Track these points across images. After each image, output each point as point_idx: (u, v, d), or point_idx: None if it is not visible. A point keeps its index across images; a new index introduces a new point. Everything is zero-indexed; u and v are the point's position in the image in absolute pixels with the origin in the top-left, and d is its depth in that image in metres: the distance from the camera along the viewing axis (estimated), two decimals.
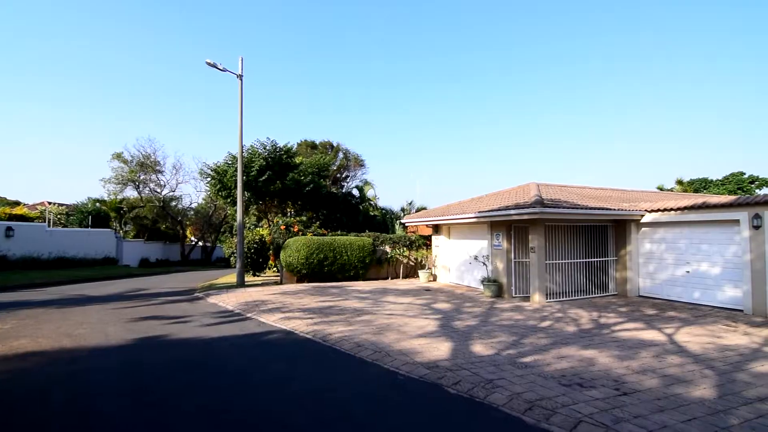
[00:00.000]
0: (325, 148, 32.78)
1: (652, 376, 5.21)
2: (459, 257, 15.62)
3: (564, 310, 10.07)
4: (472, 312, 9.94)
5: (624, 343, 6.88)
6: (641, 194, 16.47)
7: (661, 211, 11.50)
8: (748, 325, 8.48)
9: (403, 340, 7.06)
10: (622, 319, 8.95)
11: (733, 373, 5.39)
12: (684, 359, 5.99)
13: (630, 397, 4.45)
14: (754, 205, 9.54)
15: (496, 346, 6.72)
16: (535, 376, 5.16)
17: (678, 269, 11.28)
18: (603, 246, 12.96)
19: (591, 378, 5.10)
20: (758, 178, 30.18)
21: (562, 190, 14.20)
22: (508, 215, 11.42)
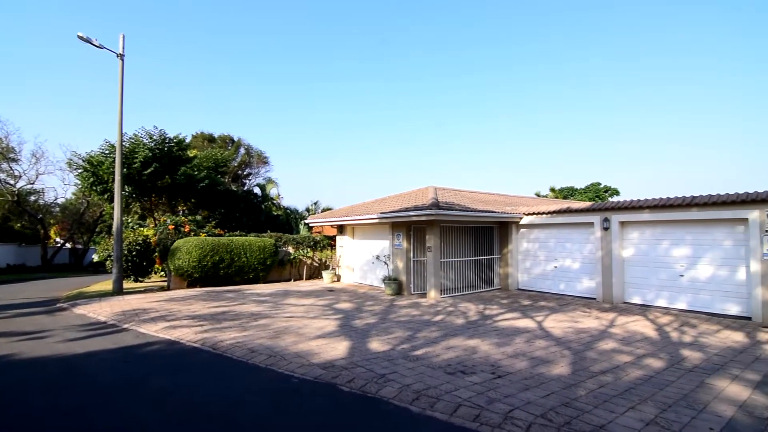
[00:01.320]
0: (224, 142, 30.72)
1: (523, 359, 5.91)
2: (363, 257, 15.88)
3: (455, 305, 10.88)
4: (372, 310, 10.17)
5: (503, 332, 7.68)
6: (521, 199, 18.60)
7: (535, 215, 13.11)
8: (599, 310, 10.09)
9: (300, 343, 6.92)
10: (503, 310, 9.98)
11: (585, 351, 6.37)
12: (549, 342, 6.90)
13: (503, 380, 4.98)
14: (604, 210, 11.42)
15: (392, 341, 6.98)
16: (424, 368, 5.47)
17: (548, 265, 12.98)
18: (489, 245, 14.33)
19: (472, 365, 5.59)
20: (611, 187, 36.42)
21: (456, 194, 15.33)
22: (408, 216, 11.96)
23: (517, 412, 3.99)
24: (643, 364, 5.68)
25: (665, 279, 10.26)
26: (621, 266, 11.03)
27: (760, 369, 5.50)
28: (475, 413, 3.98)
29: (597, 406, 4.18)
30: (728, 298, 9.33)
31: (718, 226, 9.52)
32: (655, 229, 10.54)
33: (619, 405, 4.20)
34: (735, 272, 9.24)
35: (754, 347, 6.68)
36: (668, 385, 4.85)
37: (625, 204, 10.97)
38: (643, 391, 4.64)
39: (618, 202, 11.37)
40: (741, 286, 9.12)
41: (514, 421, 3.80)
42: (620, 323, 8.55)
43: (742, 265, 9.10)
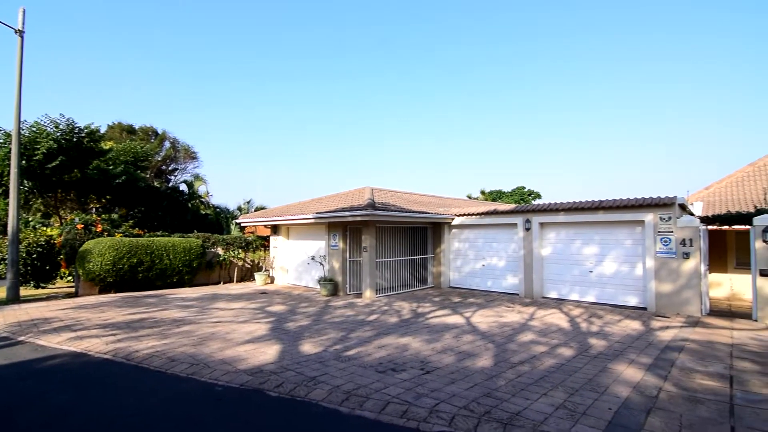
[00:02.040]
0: (146, 134, 28.31)
1: (450, 354, 6.15)
2: (298, 258, 15.53)
3: (390, 304, 11.04)
4: (306, 312, 9.99)
5: (433, 328, 7.94)
6: (454, 201, 19.40)
7: (465, 216, 13.74)
8: (521, 305, 10.82)
9: (227, 349, 6.59)
10: (434, 308, 10.32)
11: (507, 344, 6.79)
12: (475, 337, 7.26)
13: (431, 375, 5.15)
14: (526, 212, 12.29)
15: (325, 343, 6.90)
16: (356, 368, 5.48)
17: (477, 263, 13.67)
18: (423, 245, 14.76)
19: (403, 362, 5.71)
20: (533, 191, 39.34)
21: (392, 195, 15.57)
22: (344, 217, 11.91)
23: (443, 406, 4.14)
24: (557, 353, 6.19)
25: (577, 275, 11.30)
26: (540, 264, 11.94)
27: (652, 353, 6.25)
28: (403, 409, 4.07)
29: (515, 394, 4.47)
30: (629, 291, 10.50)
31: (620, 228, 10.68)
32: (569, 230, 11.56)
33: (533, 392, 4.54)
34: (634, 268, 10.42)
35: (648, 334, 7.58)
36: (576, 371, 5.34)
37: (543, 207, 11.90)
38: (555, 378, 5.06)
39: (538, 205, 12.30)
40: (639, 280, 10.32)
41: (439, 414, 3.94)
42: (539, 316, 9.25)
43: (640, 261, 10.29)
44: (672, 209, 9.70)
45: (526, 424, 3.70)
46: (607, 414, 3.93)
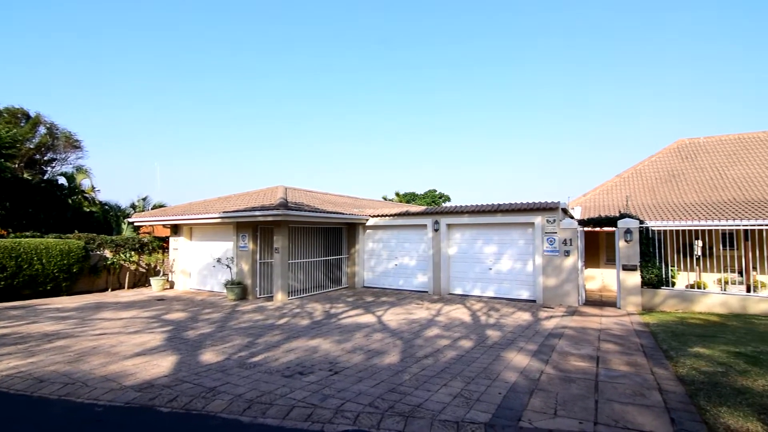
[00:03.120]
0: (14, 117, 23.97)
1: (360, 353, 6.23)
2: (202, 260, 14.45)
3: (302, 306, 10.82)
4: (210, 318, 9.34)
5: (345, 328, 7.97)
6: (369, 202, 19.72)
7: (380, 216, 14.05)
8: (429, 302, 11.37)
9: (112, 364, 5.87)
10: (347, 308, 10.37)
11: (414, 340, 7.08)
12: (385, 335, 7.44)
13: (339, 375, 5.16)
14: (435, 214, 12.96)
15: (229, 350, 6.52)
16: (261, 374, 5.27)
17: (390, 263, 14.05)
18: (338, 245, 14.75)
19: (311, 365, 5.63)
20: (444, 194, 41.75)
21: (307, 195, 15.30)
22: (254, 216, 11.38)
23: (348, 405, 4.17)
24: (458, 346, 6.63)
25: (479, 272, 12.23)
26: (447, 262, 12.69)
27: (538, 341, 7.01)
28: (308, 413, 4.01)
29: (417, 387, 4.68)
30: (522, 286, 11.65)
31: (515, 228, 11.80)
32: (472, 231, 12.47)
33: (435, 384, 4.80)
34: (526, 265, 11.59)
35: (535, 324, 8.48)
36: (474, 361, 5.77)
37: (451, 209, 12.67)
38: (455, 369, 5.41)
39: (445, 208, 13.06)
40: (530, 275, 11.50)
41: (344, 413, 3.96)
42: (445, 312, 9.81)
43: (531, 259, 11.48)
44: (556, 213, 11.00)
45: (426, 415, 3.90)
46: (497, 398, 4.32)
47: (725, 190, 15.27)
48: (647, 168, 18.44)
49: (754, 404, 4.05)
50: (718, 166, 16.93)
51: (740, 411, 3.91)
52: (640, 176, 18.05)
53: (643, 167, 18.58)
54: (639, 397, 4.36)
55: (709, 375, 4.93)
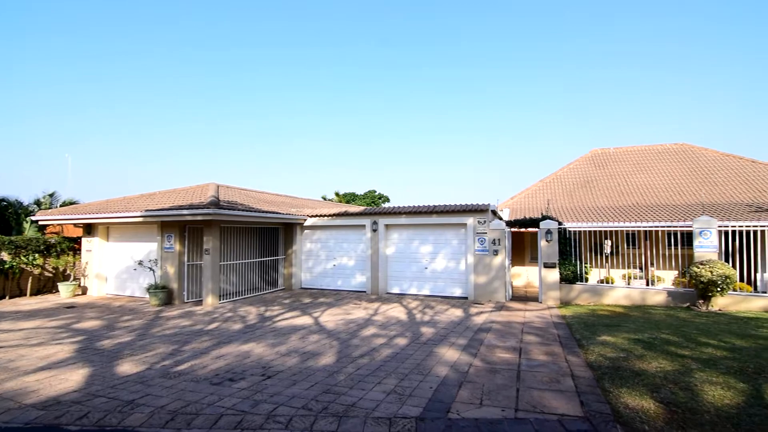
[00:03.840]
0: None
1: (295, 356, 6.12)
2: (121, 263, 13.25)
3: (235, 310, 10.37)
4: (130, 326, 8.61)
5: (280, 331, 7.78)
6: (308, 201, 19.39)
7: (318, 216, 13.89)
8: (367, 301, 11.45)
9: (9, 380, 5.19)
10: (283, 310, 10.11)
11: (351, 339, 7.10)
12: (321, 336, 7.38)
13: (272, 379, 5.03)
14: (374, 214, 13.10)
15: (151, 359, 6.06)
16: (187, 383, 4.97)
17: (328, 263, 13.94)
18: (275, 246, 14.33)
19: (242, 370, 5.42)
20: (383, 195, 42.23)
21: (241, 193, 14.67)
22: (182, 215, 10.68)
23: (281, 409, 4.08)
24: (393, 344, 6.76)
25: (416, 271, 12.57)
26: (385, 262, 12.88)
27: (468, 335, 7.37)
28: (238, 420, 3.86)
29: (352, 387, 4.71)
30: (455, 284, 12.16)
31: (449, 229, 12.30)
32: (409, 231, 12.78)
33: (370, 383, 4.86)
34: (459, 264, 12.13)
35: (466, 319, 8.91)
36: (408, 358, 5.92)
37: (389, 210, 12.88)
38: (390, 366, 5.52)
39: (384, 208, 13.26)
40: (462, 274, 12.04)
41: (277, 418, 3.87)
42: (382, 311, 9.95)
43: (463, 258, 12.03)
44: (487, 214, 11.64)
45: (359, 414, 3.94)
46: (428, 393, 4.48)
47: (630, 195, 17.18)
48: (566, 174, 20.17)
49: (648, 384, 4.62)
50: (625, 174, 19.01)
51: (637, 391, 4.43)
52: (560, 181, 19.69)
53: (563, 173, 20.30)
54: (554, 383, 4.77)
55: (613, 360, 5.52)
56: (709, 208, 13.07)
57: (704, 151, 19.22)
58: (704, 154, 19.03)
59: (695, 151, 19.49)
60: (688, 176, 17.72)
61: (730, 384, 4.55)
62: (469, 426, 3.67)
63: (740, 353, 5.75)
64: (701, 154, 19.15)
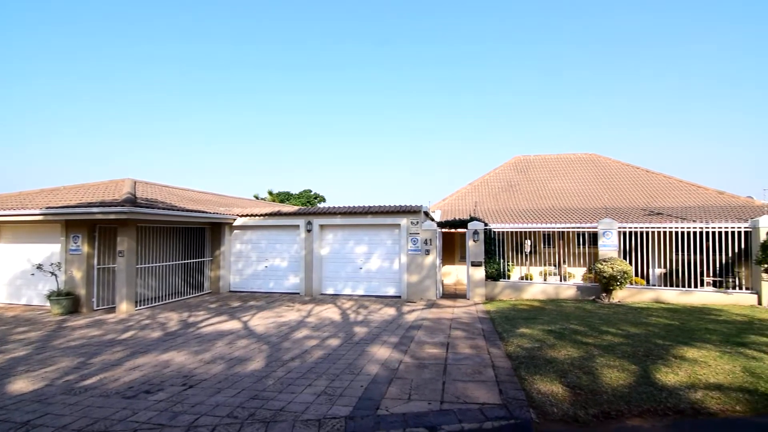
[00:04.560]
0: None
1: (221, 362, 5.83)
2: (15, 267, 11.64)
3: (154, 316, 9.61)
4: (26, 338, 7.60)
5: (205, 338, 7.36)
6: (238, 200, 18.55)
7: (249, 216, 13.35)
8: (301, 303, 11.24)
9: None
10: (209, 315, 9.58)
11: (282, 343, 6.93)
12: (250, 341, 7.11)
13: (195, 389, 4.75)
14: (308, 214, 12.90)
15: (52, 375, 5.41)
16: (95, 398, 4.52)
17: (260, 265, 13.46)
18: (200, 247, 13.51)
19: (161, 381, 5.06)
20: (319, 194, 41.72)
21: (162, 191, 13.64)
22: (92, 213, 9.66)
23: (204, 419, 3.88)
24: (326, 345, 6.73)
25: (350, 272, 12.60)
26: (320, 263, 12.75)
27: (399, 333, 7.55)
28: None
29: (281, 391, 4.61)
30: (389, 283, 12.39)
31: (384, 230, 12.51)
32: (344, 231, 12.78)
33: (300, 385, 4.79)
34: (393, 263, 12.38)
35: (399, 317, 9.12)
36: (340, 358, 5.93)
37: (324, 210, 12.77)
38: (321, 368, 5.49)
39: (319, 208, 13.12)
40: (396, 273, 12.31)
41: (198, 429, 3.67)
42: (315, 312, 9.84)
43: (397, 258, 12.30)
44: (419, 215, 12.02)
45: (288, 418, 3.87)
46: (359, 391, 4.53)
47: (547, 199, 18.75)
48: (492, 178, 21.49)
49: (558, 370, 5.09)
50: (543, 180, 20.70)
51: (548, 377, 4.87)
52: (487, 185, 20.92)
53: (490, 177, 21.60)
54: (477, 374, 5.08)
55: (529, 350, 6.01)
56: (611, 212, 14.72)
57: (609, 161, 21.59)
58: (609, 164, 21.38)
59: (602, 160, 21.82)
60: (595, 183, 19.79)
61: (624, 366, 5.18)
62: (397, 421, 3.78)
63: (633, 339, 6.56)
64: (606, 163, 21.49)
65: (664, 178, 19.31)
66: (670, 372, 4.96)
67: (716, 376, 4.83)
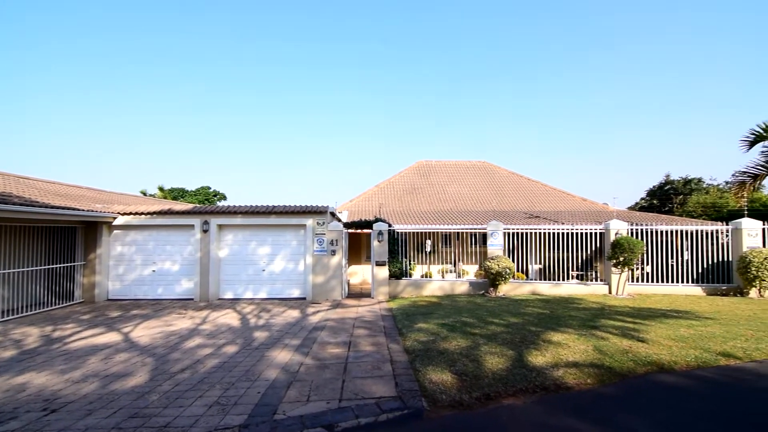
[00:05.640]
0: None
1: (94, 380, 5.15)
2: None
3: (6, 333, 8.07)
4: None
5: (74, 354, 6.41)
6: (119, 196, 16.46)
7: (133, 215, 11.95)
8: (195, 310, 10.41)
9: None
10: (81, 328, 8.36)
11: (170, 354, 6.36)
12: (132, 354, 6.39)
13: (58, 413, 4.13)
14: (205, 213, 12.01)
15: None
16: None
17: (146, 269, 12.13)
18: (70, 250, 11.69)
19: (14, 408, 4.29)
20: (219, 192, 38.96)
21: (19, 182, 11.52)
22: None
23: None
24: (221, 353, 6.36)
25: (252, 274, 12.05)
26: (218, 265, 11.95)
27: (302, 335, 7.46)
28: None
29: (167, 406, 4.25)
30: (294, 285, 12.12)
31: (289, 230, 12.21)
32: (245, 232, 12.18)
33: (189, 398, 4.46)
34: (298, 265, 12.15)
35: (303, 319, 8.99)
36: (237, 365, 5.66)
37: (223, 209, 12.01)
38: (215, 377, 5.18)
39: (217, 207, 12.30)
40: (301, 275, 12.10)
41: None
42: (211, 319, 9.21)
43: (302, 259, 12.11)
44: (325, 216, 12.00)
45: None
46: (255, 398, 4.39)
47: (446, 202, 20.13)
48: (397, 181, 22.37)
49: (449, 360, 5.53)
50: (443, 184, 22.17)
51: (440, 367, 5.27)
52: (392, 187, 21.71)
53: (395, 180, 22.45)
54: (376, 370, 5.27)
55: (424, 344, 6.41)
56: (499, 215, 16.37)
57: (498, 169, 23.98)
58: (498, 171, 23.74)
59: (492, 168, 24.13)
60: (487, 188, 21.82)
61: (504, 352, 5.83)
62: (295, 424, 3.75)
63: (513, 328, 7.41)
64: (496, 171, 23.83)
65: (542, 186, 22.10)
66: (539, 354, 5.72)
67: (574, 355, 5.71)
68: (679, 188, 33.66)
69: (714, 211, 27.18)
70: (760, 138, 14.09)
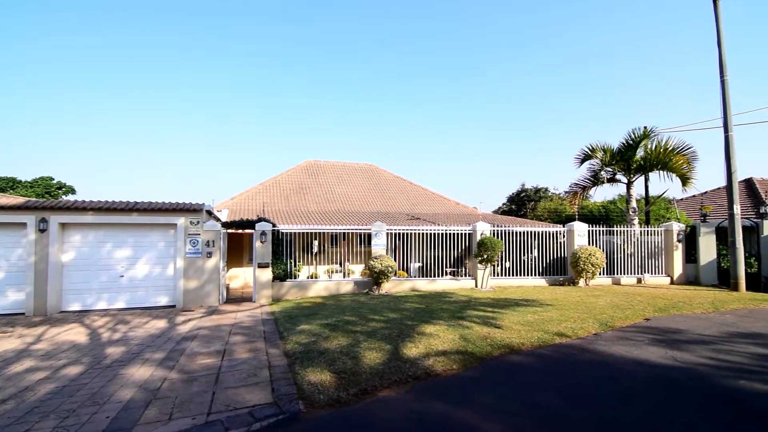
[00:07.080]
0: None
1: None
2: None
3: None
4: None
5: None
6: None
7: None
8: (26, 326, 8.57)
9: None
10: None
11: None
12: None
13: None
14: (42, 209, 9.97)
15: None
16: None
17: None
18: None
19: None
20: (65, 185, 32.63)
21: None
22: None
23: None
24: (60, 376, 5.35)
25: (106, 281, 10.41)
26: (60, 272, 10.04)
27: (168, 347, 6.71)
28: None
29: None
30: (160, 292, 10.84)
31: (155, 230, 10.88)
32: (98, 232, 10.47)
33: None
34: (166, 269, 10.90)
35: (170, 330, 8.09)
36: (81, 389, 4.82)
37: (67, 204, 10.13)
38: (50, 405, 4.33)
39: (59, 202, 10.32)
40: (170, 280, 10.88)
41: None
42: (49, 336, 7.69)
43: (172, 262, 10.90)
44: (200, 215, 11.00)
45: None
46: (103, 424, 3.79)
47: (334, 202, 20.22)
48: (284, 179, 21.71)
49: (329, 360, 5.55)
50: (331, 184, 22.23)
51: (319, 367, 5.25)
52: (278, 186, 20.99)
53: (281, 178, 21.74)
54: (252, 377, 5.02)
55: (305, 345, 6.33)
56: (383, 216, 17.08)
57: (383, 172, 25.00)
58: (383, 174, 24.76)
59: (378, 171, 25.06)
60: (373, 190, 22.58)
61: (381, 347, 6.09)
62: None
63: (391, 323, 7.78)
64: (381, 174, 24.82)
65: (422, 190, 23.74)
66: (413, 346, 6.12)
67: (443, 344, 6.25)
68: (531, 195, 39.60)
69: (556, 215, 32.67)
70: (588, 157, 17.37)
